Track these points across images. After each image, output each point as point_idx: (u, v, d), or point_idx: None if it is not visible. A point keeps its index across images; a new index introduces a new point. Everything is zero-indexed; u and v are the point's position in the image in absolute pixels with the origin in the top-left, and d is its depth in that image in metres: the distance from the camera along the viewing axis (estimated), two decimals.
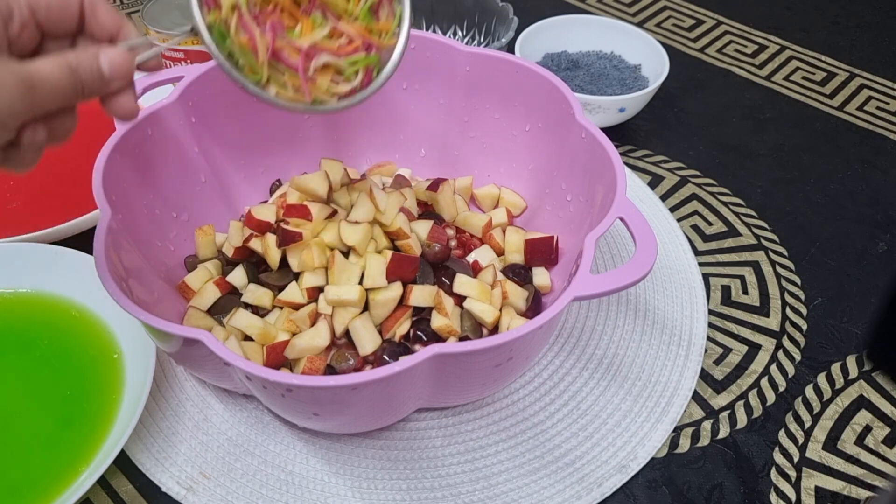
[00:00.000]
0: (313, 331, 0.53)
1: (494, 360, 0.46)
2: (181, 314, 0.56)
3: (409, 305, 0.54)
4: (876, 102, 0.86)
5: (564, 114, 0.57)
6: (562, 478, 0.52)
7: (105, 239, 0.47)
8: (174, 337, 0.44)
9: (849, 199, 0.75)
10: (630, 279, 0.45)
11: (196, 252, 0.61)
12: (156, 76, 0.59)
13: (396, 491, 0.52)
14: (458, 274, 0.56)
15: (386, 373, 0.41)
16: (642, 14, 0.99)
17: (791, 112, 0.85)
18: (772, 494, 0.53)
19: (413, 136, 0.69)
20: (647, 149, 0.79)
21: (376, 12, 0.47)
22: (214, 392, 0.57)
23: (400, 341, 0.54)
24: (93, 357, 0.57)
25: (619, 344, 0.61)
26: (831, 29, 0.97)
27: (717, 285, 0.66)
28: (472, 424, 0.55)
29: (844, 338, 0.63)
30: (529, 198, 0.66)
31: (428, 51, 0.62)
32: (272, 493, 0.51)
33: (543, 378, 0.58)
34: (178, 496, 0.51)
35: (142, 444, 0.53)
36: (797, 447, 0.55)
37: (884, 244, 0.71)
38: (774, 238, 0.70)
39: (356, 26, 0.45)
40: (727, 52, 0.93)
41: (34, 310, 0.59)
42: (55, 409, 0.54)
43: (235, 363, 0.41)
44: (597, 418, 0.56)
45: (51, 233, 0.61)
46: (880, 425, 0.57)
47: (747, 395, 0.58)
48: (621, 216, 0.49)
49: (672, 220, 0.71)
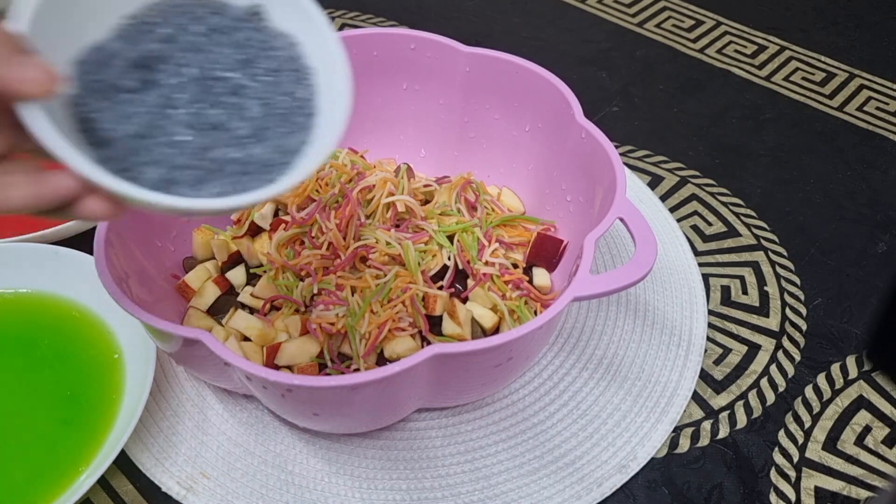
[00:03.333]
0: (305, 337, 0.53)
1: (494, 360, 0.46)
2: (181, 314, 0.56)
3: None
4: (875, 103, 0.86)
5: (564, 114, 0.57)
6: (562, 478, 0.52)
7: (105, 239, 0.47)
8: (174, 337, 0.44)
9: (849, 199, 0.75)
10: (630, 279, 0.45)
11: (194, 252, 0.61)
12: None
13: (396, 491, 0.52)
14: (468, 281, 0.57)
15: (386, 373, 0.41)
16: (642, 14, 0.99)
17: (791, 112, 0.85)
18: (771, 494, 0.53)
19: (413, 136, 0.68)
20: (647, 149, 0.79)
21: None
22: (214, 392, 0.57)
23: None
24: (93, 357, 0.57)
25: (619, 344, 0.61)
26: (831, 29, 0.97)
27: (716, 285, 0.66)
28: (472, 424, 0.55)
29: (844, 338, 0.63)
30: (529, 198, 0.66)
31: (428, 51, 0.62)
32: (272, 493, 0.51)
33: (543, 378, 0.58)
34: (178, 496, 0.51)
35: (142, 444, 0.53)
36: (797, 447, 0.55)
37: (883, 244, 0.71)
38: (774, 238, 0.71)
39: None
40: (727, 52, 0.93)
41: (34, 310, 0.59)
42: (55, 409, 0.54)
43: (235, 363, 0.41)
44: (597, 418, 0.56)
45: (51, 233, 0.61)
46: (880, 425, 0.57)
47: (747, 395, 0.58)
48: (621, 216, 0.49)
49: (672, 221, 0.71)
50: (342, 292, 0.54)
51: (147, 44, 0.37)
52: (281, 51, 0.41)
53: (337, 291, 0.54)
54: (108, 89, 0.36)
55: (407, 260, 0.55)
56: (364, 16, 0.97)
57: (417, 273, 0.55)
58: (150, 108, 0.37)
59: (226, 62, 0.39)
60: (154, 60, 0.37)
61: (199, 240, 0.60)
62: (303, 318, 0.53)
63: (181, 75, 0.38)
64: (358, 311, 0.52)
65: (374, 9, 0.99)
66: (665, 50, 0.93)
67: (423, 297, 0.54)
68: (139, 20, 0.38)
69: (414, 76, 0.65)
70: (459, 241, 0.58)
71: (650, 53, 0.93)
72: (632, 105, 0.85)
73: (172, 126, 0.37)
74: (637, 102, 0.85)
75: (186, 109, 0.37)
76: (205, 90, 0.38)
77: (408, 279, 0.54)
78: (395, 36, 0.63)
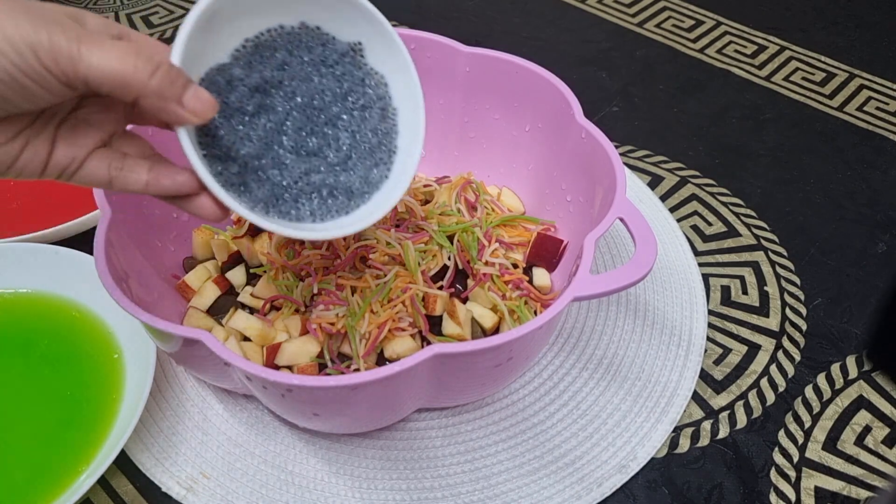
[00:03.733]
0: (305, 337, 0.53)
1: (494, 360, 0.46)
2: (181, 314, 0.56)
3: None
4: (875, 103, 0.86)
5: (564, 114, 0.57)
6: (562, 478, 0.52)
7: (105, 239, 0.47)
8: (174, 337, 0.44)
9: (848, 200, 0.75)
10: (630, 279, 0.45)
11: (193, 252, 0.61)
12: None
13: (396, 491, 0.52)
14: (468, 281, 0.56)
15: (386, 373, 0.41)
16: (642, 14, 0.99)
17: (791, 112, 0.85)
18: (771, 494, 0.53)
19: None
20: (647, 149, 0.79)
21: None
22: (214, 392, 0.57)
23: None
24: (93, 357, 0.57)
25: (619, 344, 0.61)
26: (831, 29, 0.97)
27: (716, 285, 0.66)
28: (472, 424, 0.55)
29: (844, 338, 0.63)
30: (529, 198, 0.66)
31: (428, 51, 0.62)
32: (272, 493, 0.51)
33: (543, 378, 0.58)
34: (178, 496, 0.51)
35: (142, 444, 0.53)
36: (797, 447, 0.55)
37: (883, 244, 0.71)
38: (774, 238, 0.71)
39: None
40: (727, 52, 0.93)
41: (34, 310, 0.59)
42: (55, 409, 0.54)
43: (236, 363, 0.41)
44: (597, 418, 0.56)
45: (51, 233, 0.61)
46: (880, 425, 0.57)
47: (747, 395, 0.58)
48: (621, 216, 0.49)
49: (672, 221, 0.71)
50: (342, 292, 0.54)
51: (264, 70, 0.41)
52: (372, 89, 0.45)
53: (337, 291, 0.54)
54: (233, 111, 0.40)
55: (407, 260, 0.55)
56: None
57: (417, 273, 0.55)
58: (265, 131, 0.41)
59: (327, 94, 0.43)
60: (269, 85, 0.41)
61: (199, 240, 0.60)
62: (303, 318, 0.53)
63: (290, 102, 0.42)
64: (358, 311, 0.52)
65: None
66: (665, 50, 0.93)
67: (423, 297, 0.54)
68: (256, 44, 0.41)
69: None
70: (459, 241, 0.58)
71: (650, 53, 0.93)
72: (632, 105, 0.85)
73: (280, 149, 0.41)
74: (637, 102, 0.85)
75: (292, 135, 0.42)
76: (308, 118, 0.42)
77: (408, 279, 0.54)
78: None
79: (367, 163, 0.44)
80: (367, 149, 0.44)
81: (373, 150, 0.44)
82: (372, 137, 0.44)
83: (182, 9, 0.99)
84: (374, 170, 0.45)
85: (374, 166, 0.45)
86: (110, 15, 0.98)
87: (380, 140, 0.45)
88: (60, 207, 0.67)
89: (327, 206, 0.43)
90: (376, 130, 0.45)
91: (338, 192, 0.43)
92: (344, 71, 0.44)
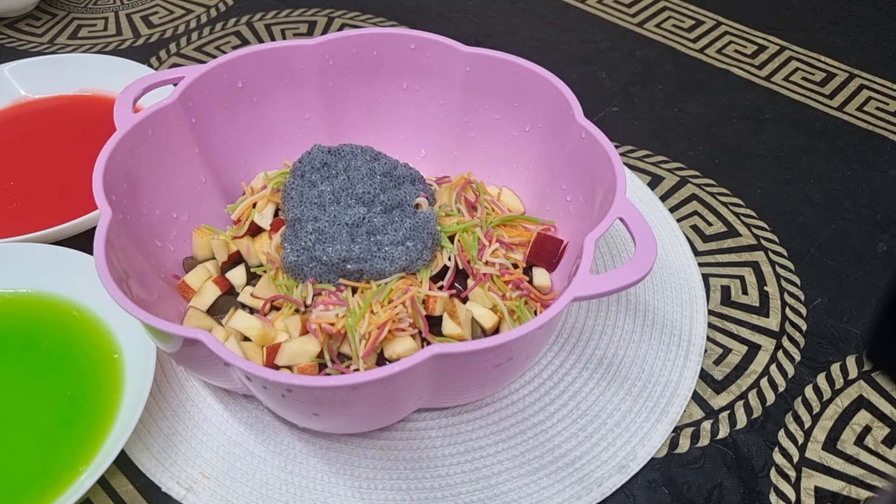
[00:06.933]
0: (305, 337, 0.53)
1: (494, 360, 0.46)
2: (181, 314, 0.56)
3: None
4: (875, 103, 0.86)
5: (564, 114, 0.57)
6: (562, 478, 0.52)
7: (105, 239, 0.47)
8: (174, 337, 0.44)
9: (849, 200, 0.75)
10: (630, 279, 0.45)
11: (194, 252, 0.61)
12: (156, 76, 0.59)
13: (396, 491, 0.52)
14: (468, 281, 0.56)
15: (386, 373, 0.41)
16: (642, 14, 0.99)
17: (791, 112, 0.85)
18: (771, 494, 0.53)
19: (413, 136, 0.69)
20: (647, 149, 0.79)
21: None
22: (214, 392, 0.57)
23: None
24: (93, 357, 0.57)
25: (619, 344, 0.61)
26: (831, 29, 0.97)
27: (716, 285, 0.66)
28: (472, 424, 0.55)
29: (844, 338, 0.63)
30: (529, 198, 0.66)
31: (428, 51, 0.62)
32: (272, 493, 0.51)
33: (543, 378, 0.58)
34: (178, 496, 0.51)
35: (142, 444, 0.53)
36: (797, 447, 0.55)
37: (883, 244, 0.71)
38: (774, 238, 0.71)
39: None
40: (727, 52, 0.93)
41: (34, 310, 0.59)
42: (55, 409, 0.54)
43: (235, 363, 0.41)
44: (597, 418, 0.56)
45: (51, 233, 0.61)
46: (880, 425, 0.57)
47: (747, 395, 0.58)
48: (621, 216, 0.49)
49: (672, 221, 0.71)
50: (342, 292, 0.54)
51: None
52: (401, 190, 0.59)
53: (337, 291, 0.54)
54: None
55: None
56: (364, 16, 0.98)
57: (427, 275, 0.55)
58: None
59: (373, 189, 0.57)
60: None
61: (199, 240, 0.60)
62: (303, 318, 0.53)
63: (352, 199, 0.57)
64: (358, 311, 0.52)
65: (374, 9, 0.99)
66: (665, 50, 0.93)
67: (423, 297, 0.54)
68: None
69: (414, 76, 0.65)
70: (459, 241, 0.58)
71: (650, 53, 0.93)
72: (632, 105, 0.85)
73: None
74: (637, 102, 0.85)
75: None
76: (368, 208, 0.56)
77: (408, 280, 0.54)
78: (395, 36, 0.63)
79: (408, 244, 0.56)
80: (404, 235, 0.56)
81: (408, 236, 0.56)
82: (402, 226, 0.57)
83: (182, 9, 0.99)
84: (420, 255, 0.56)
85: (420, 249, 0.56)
86: (110, 15, 0.98)
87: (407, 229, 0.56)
88: (60, 207, 0.67)
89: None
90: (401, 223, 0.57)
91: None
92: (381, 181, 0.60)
